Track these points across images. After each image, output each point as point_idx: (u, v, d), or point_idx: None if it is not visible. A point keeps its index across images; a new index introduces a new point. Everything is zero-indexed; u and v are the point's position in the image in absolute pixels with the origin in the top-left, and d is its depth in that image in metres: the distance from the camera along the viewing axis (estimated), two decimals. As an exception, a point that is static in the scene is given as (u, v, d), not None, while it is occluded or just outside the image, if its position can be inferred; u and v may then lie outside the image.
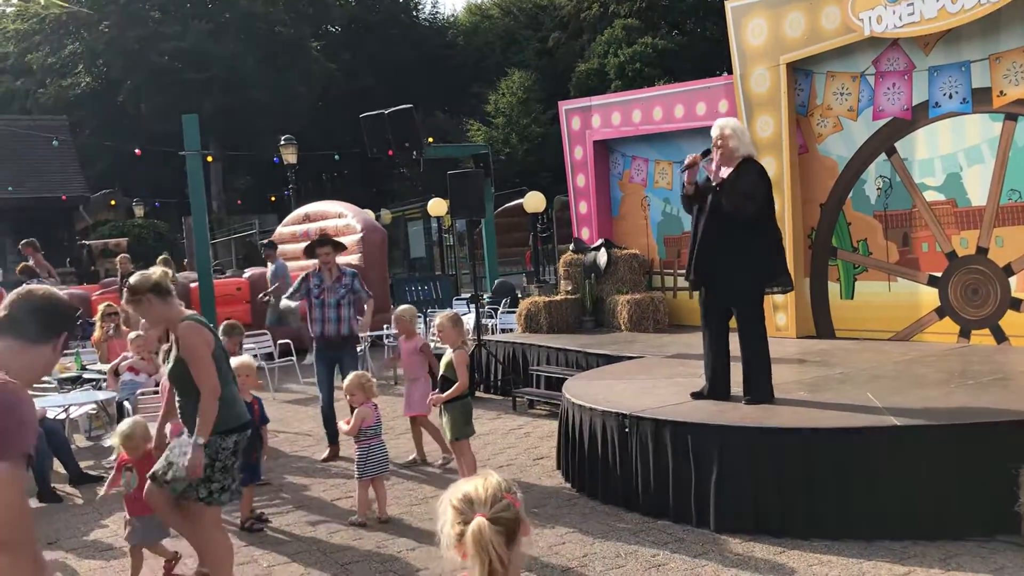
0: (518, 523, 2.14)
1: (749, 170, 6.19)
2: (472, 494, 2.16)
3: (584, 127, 11.76)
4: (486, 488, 2.15)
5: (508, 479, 2.19)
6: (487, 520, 2.10)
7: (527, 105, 37.88)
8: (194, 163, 12.51)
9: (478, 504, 2.13)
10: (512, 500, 2.14)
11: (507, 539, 2.11)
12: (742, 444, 5.52)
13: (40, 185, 26.25)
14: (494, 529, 2.09)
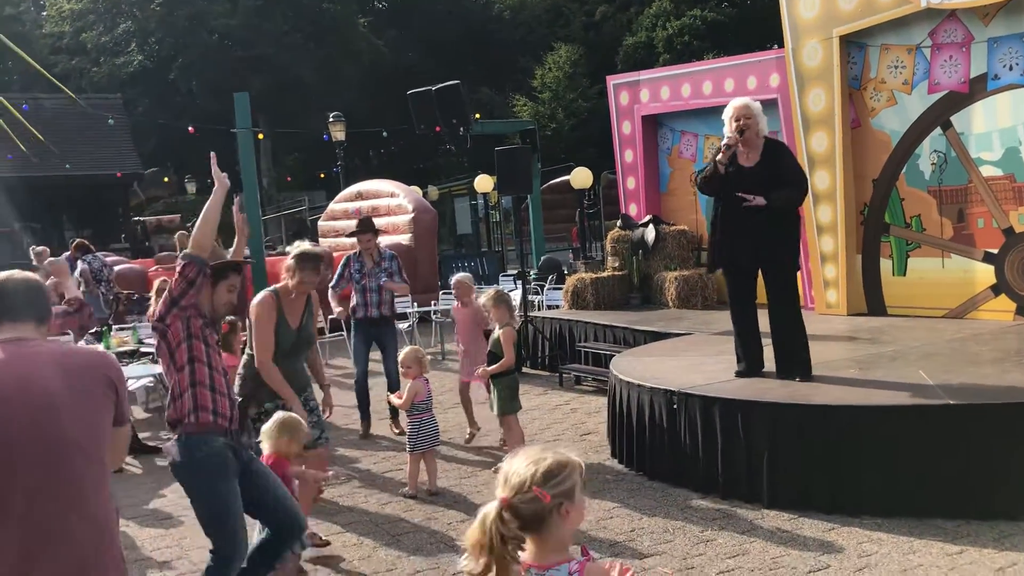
0: (541, 516, 2.15)
1: (784, 152, 6.21)
2: (508, 473, 2.20)
3: (632, 102, 11.68)
4: (520, 475, 2.17)
5: (557, 467, 2.18)
6: (504, 505, 2.14)
7: (573, 80, 37.64)
8: (245, 140, 12.67)
9: (506, 486, 2.17)
10: (540, 494, 2.14)
11: (524, 527, 2.15)
12: (793, 421, 5.50)
13: (95, 162, 26.76)
14: (503, 516, 2.13)
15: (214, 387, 3.97)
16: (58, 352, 2.60)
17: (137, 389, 9.52)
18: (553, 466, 2.18)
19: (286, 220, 32.14)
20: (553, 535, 2.20)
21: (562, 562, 2.21)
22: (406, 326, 12.18)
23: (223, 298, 4.18)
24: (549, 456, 2.21)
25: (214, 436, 3.96)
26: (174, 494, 6.64)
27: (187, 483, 4.05)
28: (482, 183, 20.50)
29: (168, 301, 3.94)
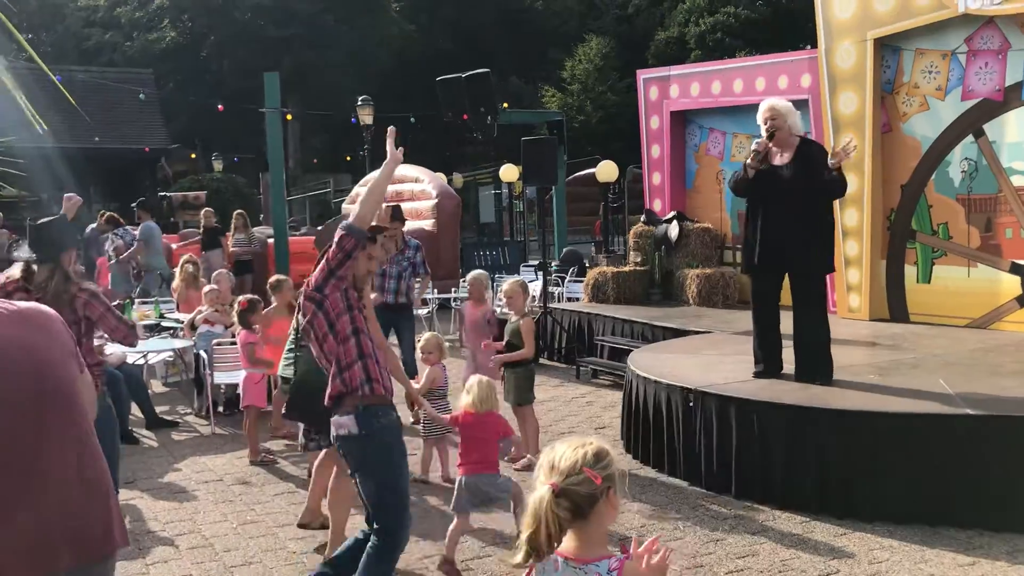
0: (593, 499, 2.15)
1: (818, 152, 6.16)
2: (553, 460, 2.19)
3: (662, 97, 11.63)
4: (570, 458, 2.17)
5: (603, 451, 2.19)
6: (555, 490, 2.13)
7: (603, 73, 37.53)
8: (274, 120, 12.73)
9: (554, 472, 2.16)
10: (592, 476, 2.14)
11: (574, 513, 2.14)
12: (809, 424, 5.47)
13: (124, 136, 26.96)
14: (556, 501, 2.12)
15: (377, 360, 3.96)
16: (16, 308, 2.45)
17: (156, 363, 9.60)
18: (600, 450, 2.19)
19: (311, 202, 32.26)
20: (596, 524, 2.18)
21: (603, 557, 2.20)
22: (425, 312, 12.21)
23: (363, 267, 4.07)
24: (593, 441, 2.22)
25: (389, 407, 3.95)
26: (188, 468, 6.71)
27: (361, 455, 3.93)
28: (507, 172, 20.47)
29: (326, 272, 3.88)
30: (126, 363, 8.03)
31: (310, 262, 15.21)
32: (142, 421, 7.96)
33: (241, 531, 5.37)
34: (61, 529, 2.32)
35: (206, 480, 6.42)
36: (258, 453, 6.84)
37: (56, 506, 2.32)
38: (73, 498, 2.36)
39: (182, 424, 8.12)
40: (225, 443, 7.43)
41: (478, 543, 5.08)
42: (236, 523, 5.51)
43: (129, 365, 8.08)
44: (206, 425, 7.98)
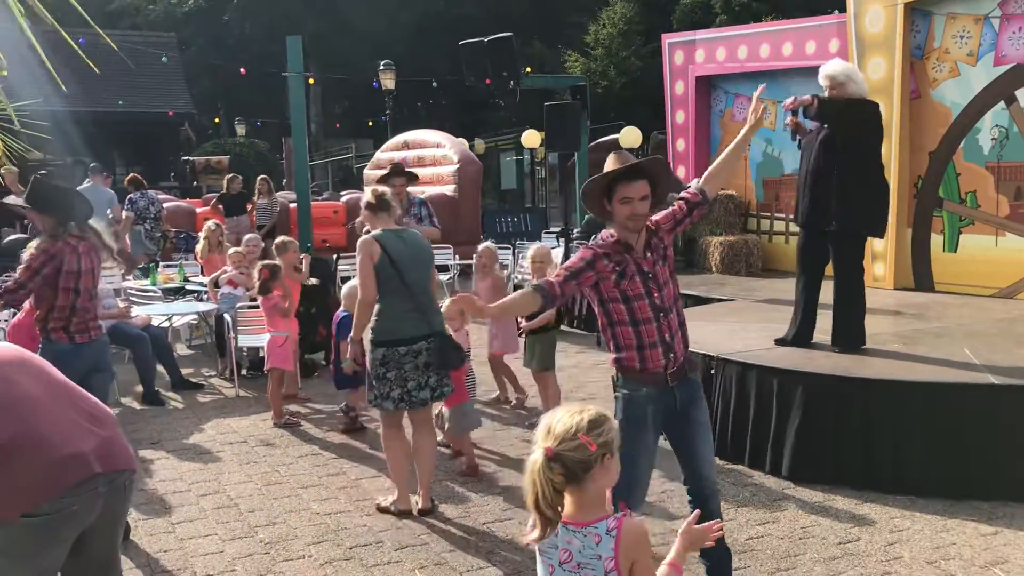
0: (587, 465, 2.19)
1: (865, 107, 5.99)
2: (550, 424, 2.24)
3: (687, 62, 11.50)
4: (565, 423, 2.22)
5: (600, 418, 2.22)
6: (549, 455, 2.17)
7: (627, 37, 37.07)
8: (296, 84, 12.67)
9: (550, 436, 2.20)
10: (586, 442, 2.18)
11: (568, 478, 2.19)
12: (829, 393, 5.45)
13: (147, 100, 26.98)
14: (549, 465, 2.17)
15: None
16: None
17: (181, 326, 9.69)
18: (596, 416, 2.24)
19: (333, 167, 32.28)
20: (592, 489, 2.23)
21: (601, 518, 2.25)
22: (447, 278, 12.23)
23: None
24: (591, 408, 2.26)
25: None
26: (213, 430, 6.79)
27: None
28: (529, 138, 20.38)
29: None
30: (151, 325, 8.11)
31: (332, 226, 15.30)
32: (168, 383, 8.04)
33: (265, 492, 5.44)
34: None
35: (231, 441, 6.50)
36: (281, 415, 6.91)
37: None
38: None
39: (207, 386, 8.21)
40: (249, 405, 7.51)
41: (499, 505, 5.12)
42: (260, 484, 5.58)
43: (154, 327, 8.15)
44: (230, 387, 8.06)
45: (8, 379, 2.79)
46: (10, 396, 2.75)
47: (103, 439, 2.85)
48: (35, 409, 2.76)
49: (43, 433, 2.73)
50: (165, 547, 4.65)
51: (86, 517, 2.79)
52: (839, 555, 4.40)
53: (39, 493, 2.65)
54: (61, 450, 2.72)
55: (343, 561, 4.44)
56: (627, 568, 2.24)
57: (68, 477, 2.70)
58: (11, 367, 2.85)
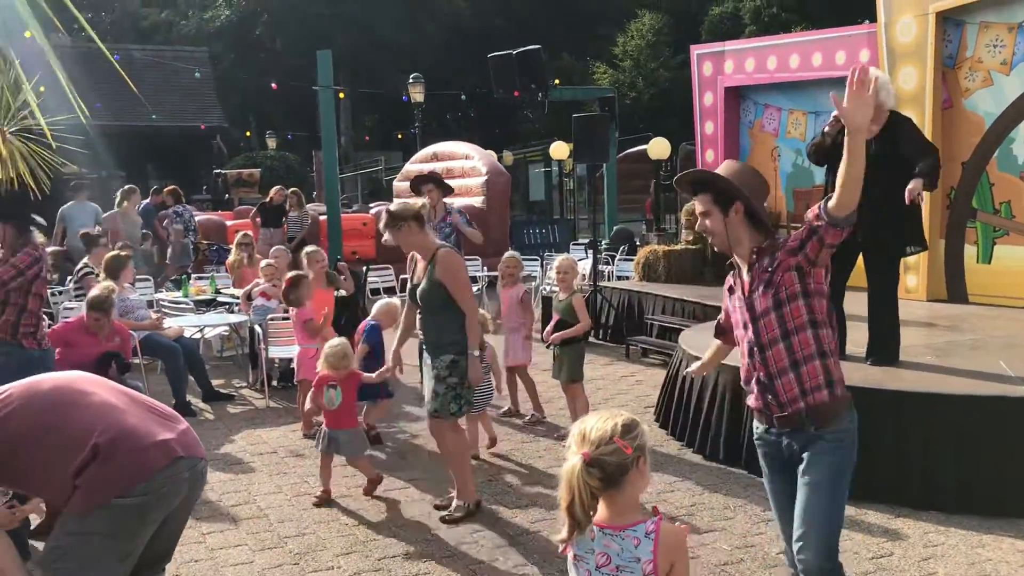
0: (624, 468, 2.21)
1: (904, 125, 5.93)
2: (584, 431, 2.26)
3: (716, 73, 11.47)
4: (600, 428, 2.24)
5: (633, 423, 2.23)
6: (586, 460, 2.18)
7: (656, 49, 37.08)
8: (326, 98, 12.81)
9: (586, 442, 2.22)
10: (622, 446, 2.20)
11: (606, 482, 2.20)
12: (861, 406, 5.35)
13: (180, 114, 27.33)
14: (588, 470, 2.19)
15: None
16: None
17: (213, 337, 9.78)
18: (630, 421, 2.26)
19: (362, 179, 32.49)
20: (628, 493, 2.25)
21: (638, 522, 2.27)
22: (475, 289, 12.25)
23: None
24: (622, 413, 2.29)
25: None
26: (244, 440, 6.84)
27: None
28: (557, 150, 20.40)
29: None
30: (183, 336, 8.19)
31: (361, 238, 15.44)
32: (199, 393, 8.12)
33: (295, 503, 5.47)
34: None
35: (261, 452, 6.54)
36: (311, 426, 6.94)
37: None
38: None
39: (237, 397, 8.28)
40: (279, 416, 7.56)
41: (529, 517, 5.11)
42: (290, 495, 5.61)
43: (186, 338, 8.24)
44: (261, 398, 8.12)
45: (86, 391, 3.11)
46: (94, 403, 3.06)
47: (179, 431, 3.15)
48: (117, 411, 3.06)
49: (129, 427, 3.01)
50: (196, 557, 4.69)
51: (172, 500, 3.05)
52: (872, 570, 4.35)
53: (132, 476, 2.91)
54: (147, 439, 3.00)
55: (372, 573, 4.45)
56: (665, 570, 2.27)
57: (157, 460, 2.97)
58: (85, 382, 3.20)
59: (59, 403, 3.06)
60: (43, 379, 3.24)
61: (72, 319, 6.90)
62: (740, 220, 3.21)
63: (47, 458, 2.95)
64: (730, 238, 3.25)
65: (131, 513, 2.91)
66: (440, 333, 5.08)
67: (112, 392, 3.19)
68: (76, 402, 3.07)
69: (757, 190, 3.25)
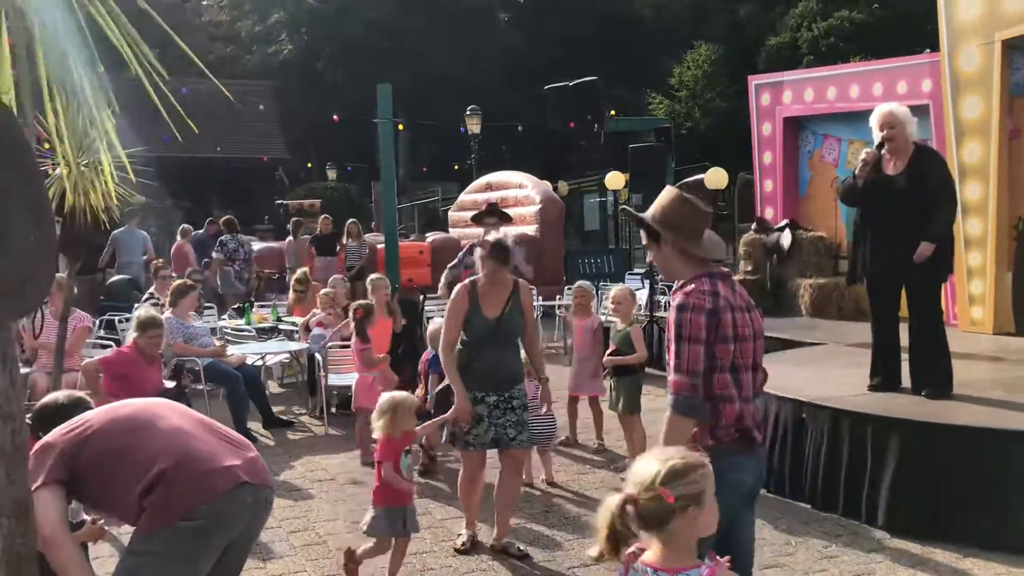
0: (664, 516, 2.16)
1: (932, 160, 5.92)
2: (635, 470, 2.23)
3: (774, 103, 11.41)
4: (644, 472, 2.20)
5: (688, 467, 2.19)
6: (624, 500, 2.16)
7: (712, 79, 36.97)
8: (386, 131, 12.97)
9: (632, 483, 2.19)
10: (664, 494, 2.15)
11: (648, 523, 2.18)
12: (927, 441, 5.28)
13: (244, 146, 27.92)
14: (624, 511, 2.16)
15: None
16: None
17: (274, 364, 9.93)
18: (680, 467, 2.18)
19: (419, 209, 32.81)
20: (679, 538, 2.19)
21: (691, 567, 2.21)
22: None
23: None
24: (678, 457, 2.21)
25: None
26: (303, 467, 6.92)
27: None
28: (613, 180, 20.37)
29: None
30: (245, 364, 8.34)
31: (418, 266, 15.53)
32: (260, 420, 8.24)
33: (353, 529, 5.50)
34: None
35: (320, 479, 6.61)
36: (369, 454, 6.98)
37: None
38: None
39: (297, 424, 8.38)
40: (338, 443, 7.63)
41: (584, 547, 5.08)
42: (348, 522, 5.65)
43: (248, 366, 8.38)
44: (320, 425, 8.22)
45: (160, 415, 3.22)
46: (166, 428, 3.16)
47: (247, 458, 3.22)
48: (186, 436, 3.15)
49: (195, 451, 3.09)
50: (256, 582, 4.74)
51: (235, 526, 3.11)
52: (939, 611, 4.23)
53: (197, 498, 2.98)
54: (212, 463, 3.09)
55: (429, 601, 4.45)
56: None
57: (221, 484, 3.04)
58: (162, 407, 3.32)
59: (134, 428, 3.17)
60: (124, 404, 3.37)
61: (122, 349, 6.93)
62: (671, 252, 3.29)
63: (119, 480, 3.05)
64: (666, 269, 3.38)
65: (193, 536, 2.97)
66: (518, 363, 5.23)
67: (185, 418, 3.29)
68: (149, 426, 3.18)
69: (686, 222, 3.28)
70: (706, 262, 3.25)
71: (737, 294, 3.24)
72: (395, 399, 4.66)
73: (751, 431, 3.21)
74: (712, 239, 3.29)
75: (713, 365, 3.12)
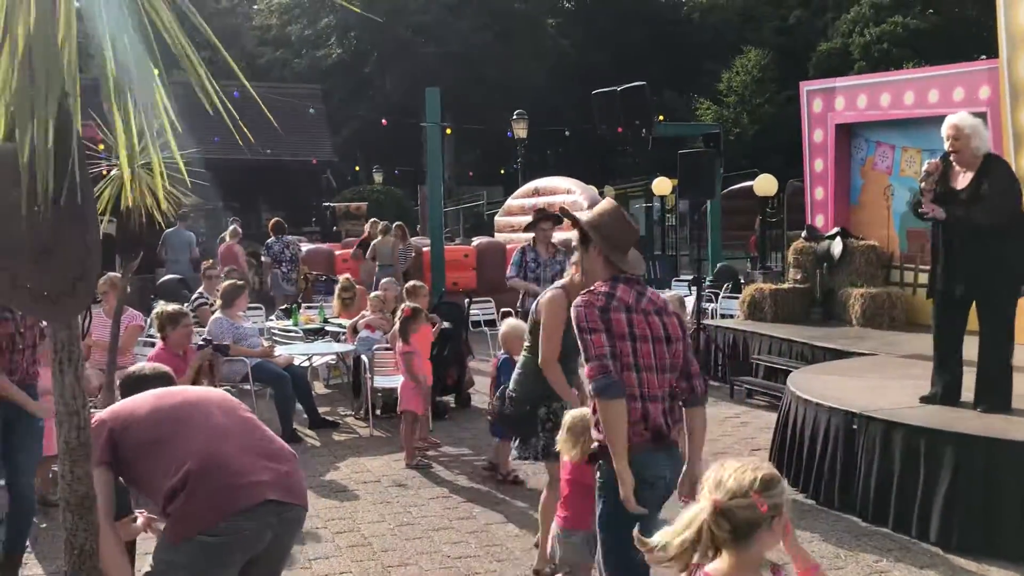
0: (755, 525, 2.11)
1: (999, 169, 5.74)
2: (722, 476, 2.16)
3: (826, 109, 11.25)
4: (738, 478, 2.13)
5: (776, 478, 2.15)
6: (716, 507, 2.10)
7: (761, 84, 36.69)
8: (434, 134, 13.07)
9: (720, 488, 2.13)
10: (758, 502, 2.10)
11: (735, 534, 2.10)
12: (982, 456, 5.16)
13: (293, 149, 28.19)
14: (716, 520, 2.10)
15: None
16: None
17: (320, 365, 10.01)
18: (770, 476, 2.15)
19: (464, 213, 32.93)
20: (754, 550, 2.15)
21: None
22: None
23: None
24: (765, 465, 2.18)
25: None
26: (348, 468, 6.96)
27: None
28: (660, 185, 20.27)
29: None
30: (292, 364, 8.41)
31: (463, 270, 15.64)
32: (306, 421, 8.30)
33: (398, 532, 5.53)
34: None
35: (364, 480, 6.64)
36: (413, 456, 7.02)
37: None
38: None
39: (342, 425, 8.43)
40: (383, 445, 7.67)
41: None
42: (393, 524, 5.67)
43: (295, 366, 8.45)
44: (365, 427, 8.26)
45: (205, 411, 3.20)
46: (206, 425, 3.13)
47: (280, 473, 3.12)
48: (223, 439, 3.10)
49: (226, 459, 3.04)
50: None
51: (256, 543, 3.02)
52: (995, 630, 4.13)
53: (218, 512, 2.93)
54: (240, 477, 3.01)
55: (473, 606, 4.44)
56: None
57: (244, 500, 2.97)
58: (208, 402, 3.28)
59: (176, 419, 3.15)
60: (173, 393, 3.35)
61: (156, 351, 6.98)
62: (596, 257, 3.54)
63: (151, 470, 3.07)
64: (588, 271, 3.62)
65: (213, 551, 2.94)
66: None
67: (231, 417, 3.25)
68: (189, 421, 3.15)
69: (616, 234, 3.54)
70: (617, 270, 3.51)
71: (647, 298, 3.50)
72: (586, 420, 3.86)
73: (662, 428, 3.38)
74: (635, 257, 3.57)
75: (616, 362, 3.32)
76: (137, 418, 3.15)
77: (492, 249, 16.15)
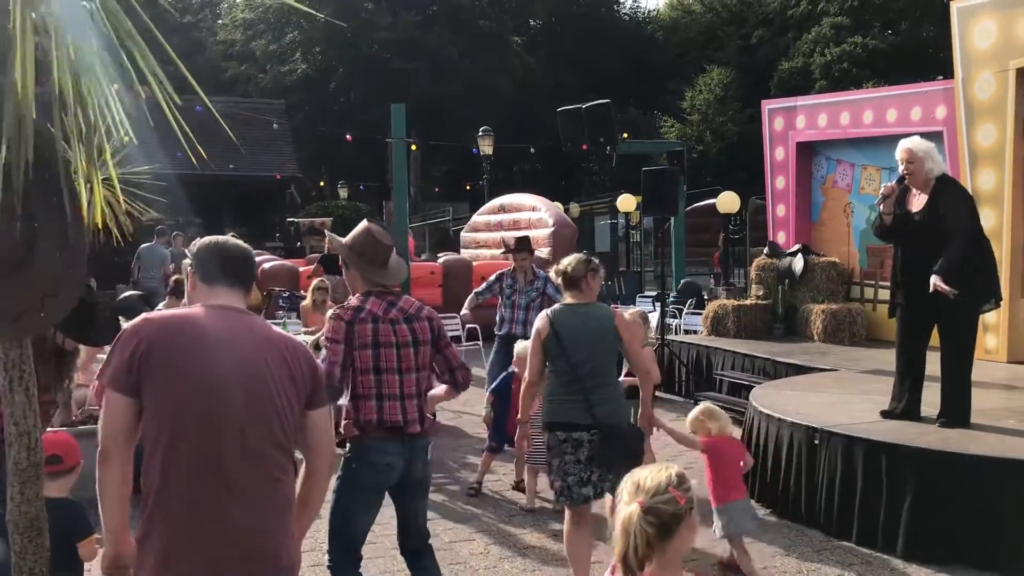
0: (678, 519, 2.19)
1: (952, 191, 5.87)
2: (640, 480, 2.25)
3: (787, 127, 11.41)
4: (655, 478, 2.23)
5: (684, 475, 2.25)
6: (642, 509, 2.16)
7: (724, 103, 37.14)
8: (399, 150, 13.04)
9: (641, 491, 2.21)
10: (677, 496, 2.19)
11: (661, 531, 2.18)
12: (942, 470, 5.23)
13: (257, 164, 28.03)
14: (645, 519, 2.17)
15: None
16: (268, 330, 2.88)
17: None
18: (680, 473, 2.26)
19: (430, 229, 32.89)
20: (675, 548, 2.22)
21: None
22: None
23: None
24: (674, 465, 2.28)
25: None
26: (311, 486, 6.87)
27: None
28: (624, 202, 20.43)
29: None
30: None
31: (429, 287, 15.54)
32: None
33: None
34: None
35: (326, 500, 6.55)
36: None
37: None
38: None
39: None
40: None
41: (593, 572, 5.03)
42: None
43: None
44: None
45: (227, 386, 2.69)
46: (215, 413, 2.67)
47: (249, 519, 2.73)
48: (217, 447, 2.67)
49: (201, 490, 2.62)
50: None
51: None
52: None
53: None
54: (201, 515, 2.58)
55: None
56: None
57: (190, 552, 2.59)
58: (235, 378, 2.70)
59: (198, 383, 2.58)
60: (208, 345, 2.75)
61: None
62: (355, 274, 4.02)
63: (147, 422, 2.59)
64: (351, 287, 4.07)
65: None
66: None
67: (252, 406, 2.66)
68: (202, 395, 2.58)
69: (368, 251, 3.98)
70: (377, 284, 3.96)
71: (397, 308, 3.93)
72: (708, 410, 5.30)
73: (398, 422, 3.86)
74: (396, 264, 4.00)
75: (355, 367, 3.85)
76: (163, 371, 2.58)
77: (459, 266, 16.14)
